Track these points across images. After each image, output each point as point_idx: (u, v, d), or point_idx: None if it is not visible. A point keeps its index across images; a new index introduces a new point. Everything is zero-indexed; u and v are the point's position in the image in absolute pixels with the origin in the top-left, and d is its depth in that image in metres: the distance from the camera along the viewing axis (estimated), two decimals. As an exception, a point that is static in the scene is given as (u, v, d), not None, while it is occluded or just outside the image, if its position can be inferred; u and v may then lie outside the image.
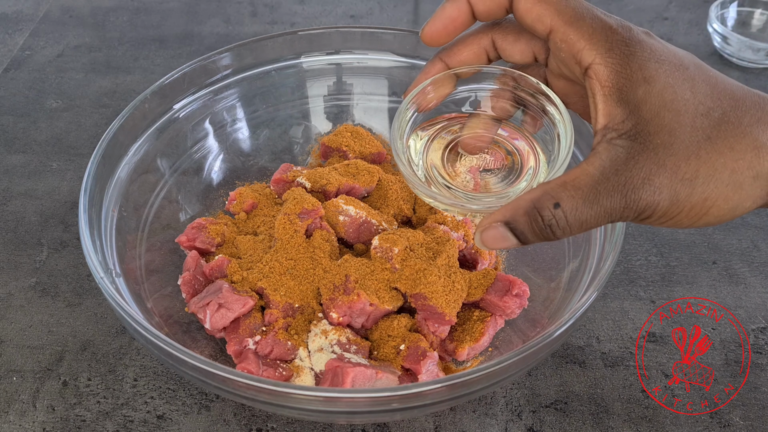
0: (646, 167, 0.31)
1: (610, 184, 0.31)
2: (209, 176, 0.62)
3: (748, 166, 0.31)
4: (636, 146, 0.31)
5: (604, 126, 0.32)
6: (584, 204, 0.31)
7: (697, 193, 0.31)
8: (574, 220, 0.32)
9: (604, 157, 0.31)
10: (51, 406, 0.50)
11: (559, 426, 0.49)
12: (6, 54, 0.86)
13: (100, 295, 0.57)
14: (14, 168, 0.69)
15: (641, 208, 0.31)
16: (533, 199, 0.32)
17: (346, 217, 0.54)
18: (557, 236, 0.33)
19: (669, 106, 0.31)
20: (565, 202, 0.31)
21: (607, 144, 0.32)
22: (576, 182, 0.32)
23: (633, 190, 0.31)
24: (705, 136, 0.30)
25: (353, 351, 0.47)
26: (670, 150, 0.30)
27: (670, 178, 0.31)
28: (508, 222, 0.33)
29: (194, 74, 0.60)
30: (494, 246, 0.34)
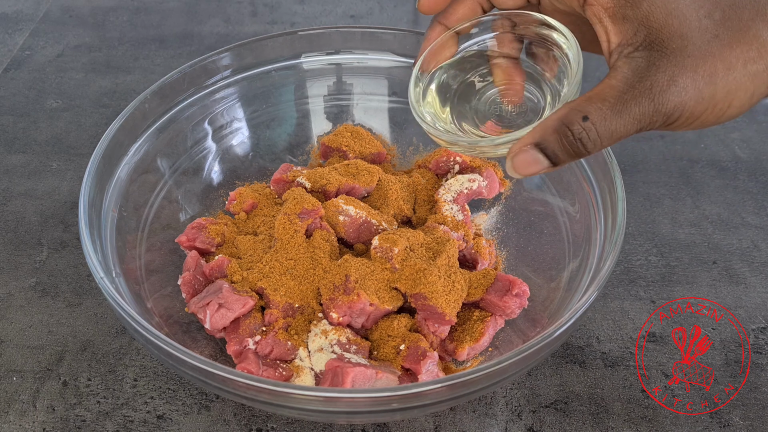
0: (669, 70, 0.32)
1: (637, 91, 0.32)
2: (209, 176, 0.62)
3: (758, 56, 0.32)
4: (654, 54, 0.32)
5: (618, 44, 0.33)
6: (612, 113, 0.32)
7: (720, 88, 0.32)
8: (605, 131, 0.32)
9: (626, 69, 0.32)
10: (51, 406, 0.50)
11: (559, 426, 0.49)
12: (6, 54, 0.86)
13: (100, 295, 0.57)
14: (14, 168, 0.69)
15: (669, 110, 0.32)
16: (561, 116, 0.33)
17: (346, 217, 0.54)
18: (589, 150, 0.33)
19: (674, 14, 0.32)
20: (593, 114, 0.32)
21: (625, 58, 0.33)
22: (602, 94, 0.32)
23: (660, 93, 0.32)
24: (713, 35, 0.32)
25: (353, 351, 0.47)
26: (686, 52, 0.32)
27: (692, 78, 0.32)
28: (539, 143, 0.34)
29: (194, 74, 0.60)
30: (527, 171, 0.34)
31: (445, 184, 0.59)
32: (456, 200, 0.57)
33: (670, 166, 0.70)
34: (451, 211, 0.57)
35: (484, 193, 0.59)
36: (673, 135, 0.74)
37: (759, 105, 0.78)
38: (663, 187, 0.68)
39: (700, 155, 0.71)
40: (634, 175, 0.69)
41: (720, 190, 0.67)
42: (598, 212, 0.51)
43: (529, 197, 0.60)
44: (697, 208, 0.66)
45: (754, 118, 0.76)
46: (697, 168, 0.70)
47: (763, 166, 0.70)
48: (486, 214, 0.61)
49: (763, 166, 0.70)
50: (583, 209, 0.54)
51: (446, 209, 0.57)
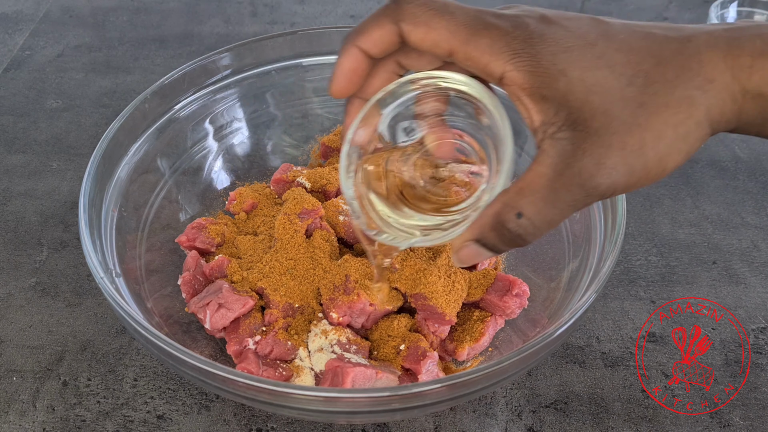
0: (595, 153, 0.31)
1: (566, 179, 0.31)
2: (209, 176, 0.62)
3: (687, 117, 0.31)
4: (578, 135, 0.31)
5: (541, 122, 0.32)
6: (546, 206, 0.32)
7: (651, 158, 0.31)
8: (541, 223, 0.32)
9: (552, 154, 0.31)
10: (51, 406, 0.50)
11: (559, 426, 0.49)
12: (6, 54, 0.86)
13: (100, 295, 0.57)
14: (14, 168, 0.69)
15: (602, 191, 0.31)
16: (495, 213, 0.33)
17: (346, 217, 0.54)
18: (528, 241, 0.33)
19: (593, 90, 0.31)
20: (526, 209, 0.32)
21: (550, 140, 0.32)
22: (532, 186, 0.32)
23: (589, 179, 0.31)
24: (638, 104, 0.31)
25: (353, 351, 0.47)
26: (611, 129, 0.31)
27: (620, 156, 0.31)
28: (478, 239, 0.34)
29: (194, 74, 0.59)
30: (472, 261, 0.35)
31: (445, 184, 0.59)
32: (456, 200, 0.57)
33: (670, 166, 0.70)
34: (451, 211, 0.57)
35: (484, 193, 0.59)
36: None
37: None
38: (663, 187, 0.68)
39: (700, 155, 0.71)
40: (634, 175, 0.69)
41: (720, 190, 0.67)
42: (598, 212, 0.51)
43: (529, 197, 0.60)
44: (697, 208, 0.66)
45: (754, 118, 0.76)
46: (697, 168, 0.70)
47: (763, 166, 0.70)
48: (486, 214, 0.61)
49: (763, 166, 0.70)
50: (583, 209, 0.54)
51: (446, 209, 0.57)
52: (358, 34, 0.35)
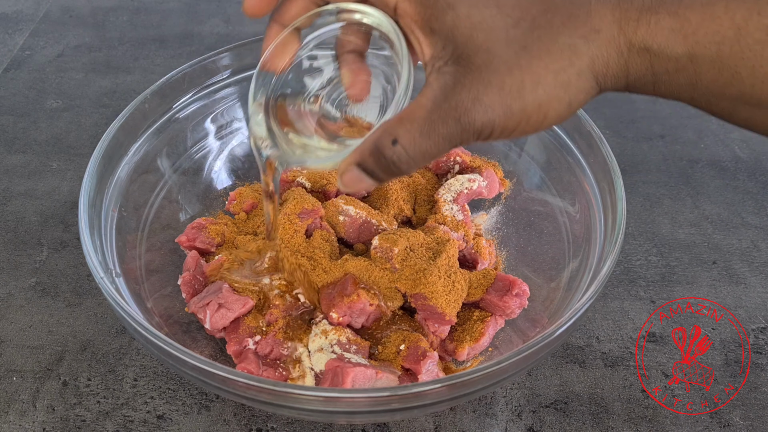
0: (473, 88, 0.31)
1: (443, 111, 0.31)
2: (209, 176, 0.62)
3: (569, 65, 0.31)
4: (460, 70, 0.31)
5: (430, 56, 0.32)
6: (421, 136, 0.32)
7: (529, 102, 0.31)
8: (415, 153, 0.32)
9: (435, 86, 0.32)
10: (51, 406, 0.50)
11: (559, 426, 0.49)
12: (6, 54, 0.86)
13: (100, 295, 0.57)
14: (14, 168, 0.69)
15: (478, 128, 0.32)
16: (375, 139, 0.33)
17: (346, 217, 0.54)
18: (404, 171, 0.33)
19: (479, 27, 0.31)
20: (402, 137, 0.32)
21: (436, 73, 0.32)
22: (411, 116, 0.32)
23: (465, 113, 0.31)
24: (521, 46, 0.31)
25: (353, 351, 0.47)
26: (491, 67, 0.31)
27: (498, 95, 0.31)
28: (359, 163, 0.34)
29: (194, 74, 0.59)
30: (354, 187, 0.35)
31: (445, 184, 0.59)
32: (456, 200, 0.57)
33: (670, 166, 0.70)
34: (451, 211, 0.57)
35: (484, 193, 0.59)
36: (673, 135, 0.74)
37: (759, 105, 0.78)
38: (663, 187, 0.68)
39: (700, 155, 0.71)
40: (634, 175, 0.69)
41: (720, 190, 0.67)
42: (598, 212, 0.51)
43: (529, 197, 0.60)
44: (697, 208, 0.66)
45: (754, 118, 0.76)
46: (697, 168, 0.70)
47: (763, 166, 0.70)
48: (486, 214, 0.61)
49: (763, 166, 0.70)
50: (583, 209, 0.54)
51: (446, 209, 0.57)
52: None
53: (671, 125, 0.75)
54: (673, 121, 0.76)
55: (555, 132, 0.57)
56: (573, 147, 0.56)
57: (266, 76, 0.40)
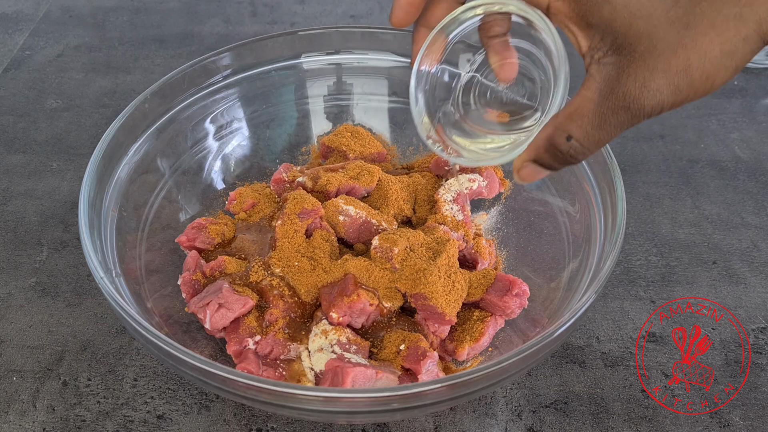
0: (639, 76, 0.31)
1: (611, 103, 0.32)
2: (209, 176, 0.62)
3: (734, 34, 0.31)
4: (623, 59, 0.32)
5: (588, 47, 0.33)
6: (593, 128, 0.33)
7: (697, 77, 0.31)
8: (590, 144, 0.34)
9: (598, 78, 0.33)
10: (51, 406, 0.50)
11: (559, 426, 0.49)
12: (6, 54, 0.86)
13: (100, 295, 0.57)
14: (14, 168, 0.69)
15: (648, 111, 0.32)
16: (547, 136, 0.35)
17: (346, 217, 0.54)
18: (579, 159, 0.35)
19: (637, 14, 0.31)
20: (575, 132, 0.33)
21: (596, 65, 0.33)
22: (580, 111, 0.33)
23: (634, 101, 0.32)
24: (683, 25, 0.31)
25: (353, 351, 0.47)
26: (655, 52, 0.31)
27: (665, 77, 0.31)
28: (535, 159, 0.36)
29: (194, 74, 0.60)
30: (533, 178, 0.38)
31: (445, 184, 0.59)
32: (456, 200, 0.57)
33: (670, 166, 0.70)
34: (451, 211, 0.57)
35: (484, 193, 0.59)
36: (673, 135, 0.74)
37: (758, 105, 0.78)
38: (663, 187, 0.68)
39: (700, 155, 0.71)
40: (634, 175, 0.69)
41: (720, 190, 0.67)
42: (598, 212, 0.51)
43: (529, 197, 0.60)
44: (697, 208, 0.66)
45: (754, 118, 0.76)
46: (697, 168, 0.70)
47: (763, 166, 0.70)
48: (486, 214, 0.61)
49: (763, 166, 0.70)
50: (583, 209, 0.54)
51: (446, 209, 0.57)
52: None
53: (671, 125, 0.75)
54: (673, 121, 0.76)
55: (555, 132, 0.57)
56: (573, 147, 0.56)
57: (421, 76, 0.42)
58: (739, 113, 0.77)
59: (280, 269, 0.51)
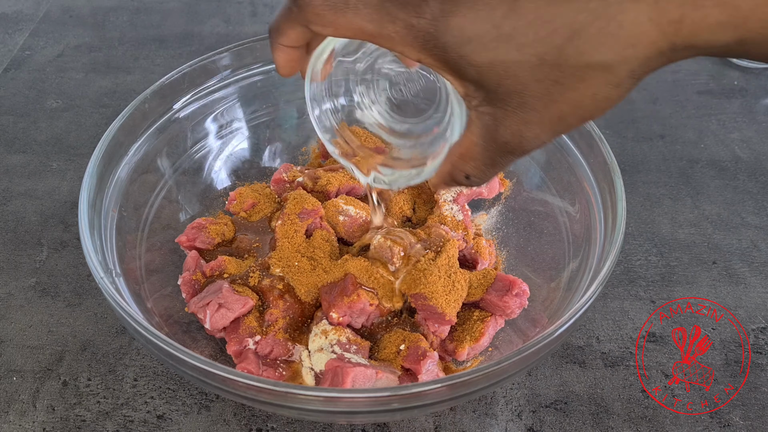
0: (515, 128, 0.32)
1: (496, 147, 0.34)
2: (209, 176, 0.62)
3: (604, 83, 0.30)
4: (498, 111, 0.32)
5: (464, 94, 0.33)
6: (486, 167, 0.35)
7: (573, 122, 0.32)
8: (485, 177, 0.36)
9: (479, 125, 0.34)
10: (51, 406, 0.50)
11: (559, 426, 0.49)
12: (6, 54, 0.86)
13: (100, 295, 0.57)
14: (14, 168, 0.69)
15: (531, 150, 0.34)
16: (448, 172, 0.37)
17: (346, 217, 0.54)
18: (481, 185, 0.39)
19: (504, 75, 0.31)
20: (470, 171, 0.36)
21: (474, 112, 0.33)
22: (470, 153, 0.35)
23: (517, 146, 0.33)
24: (552, 82, 0.30)
25: (353, 351, 0.47)
26: (527, 107, 0.31)
27: (540, 126, 0.32)
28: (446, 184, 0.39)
29: (194, 74, 0.59)
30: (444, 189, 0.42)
31: (445, 184, 0.58)
32: (456, 200, 0.57)
33: (670, 166, 0.70)
34: (451, 211, 0.57)
35: (484, 193, 0.59)
36: (673, 135, 0.74)
37: (758, 105, 0.78)
38: (663, 187, 0.68)
39: (700, 155, 0.71)
40: (634, 175, 0.69)
41: (720, 190, 0.67)
42: (598, 212, 0.51)
43: (529, 197, 0.60)
44: (697, 208, 0.66)
45: (754, 118, 0.76)
46: (697, 168, 0.70)
47: (763, 166, 0.70)
48: (486, 214, 0.61)
49: (763, 166, 0.70)
50: (583, 209, 0.54)
51: (446, 209, 0.57)
52: (278, 35, 0.36)
53: (671, 125, 0.75)
54: (673, 121, 0.76)
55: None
56: (573, 147, 0.56)
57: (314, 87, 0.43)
58: (739, 113, 0.77)
59: (280, 269, 0.51)
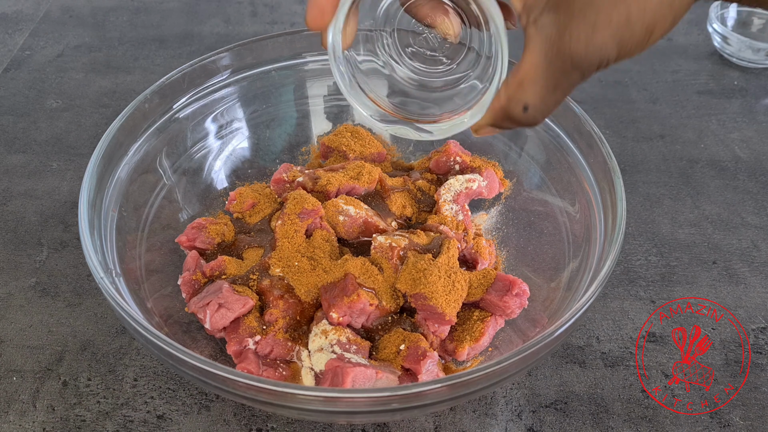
0: (582, 34, 0.31)
1: (560, 64, 0.32)
2: (209, 176, 0.62)
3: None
4: (561, 17, 0.31)
5: (523, 6, 0.32)
6: (548, 93, 0.33)
7: (638, 29, 0.31)
8: (547, 108, 0.34)
9: (539, 41, 0.32)
10: (51, 406, 0.50)
11: (559, 426, 0.49)
12: (6, 54, 0.86)
13: (100, 295, 0.57)
14: (14, 168, 0.69)
15: (596, 66, 0.32)
16: (502, 107, 0.34)
17: (346, 217, 0.54)
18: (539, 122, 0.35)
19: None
20: (531, 101, 0.33)
21: (534, 26, 0.32)
22: (530, 77, 0.33)
23: (582, 60, 0.31)
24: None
25: (353, 351, 0.47)
26: (594, 7, 0.30)
27: (608, 31, 0.31)
28: (494, 125, 0.36)
29: (194, 74, 0.60)
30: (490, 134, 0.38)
31: (445, 184, 0.59)
32: (456, 200, 0.57)
33: (670, 166, 0.70)
34: (451, 211, 0.57)
35: (484, 193, 0.59)
36: (673, 135, 0.74)
37: (758, 105, 0.78)
38: (663, 187, 0.68)
39: (700, 155, 0.71)
40: (634, 175, 0.69)
41: (720, 190, 0.67)
42: (598, 212, 0.51)
43: (529, 197, 0.60)
44: (697, 208, 0.66)
45: (754, 118, 0.76)
46: (697, 168, 0.70)
47: (763, 166, 0.70)
48: (486, 214, 0.61)
49: (763, 166, 0.70)
50: (583, 209, 0.54)
51: (446, 209, 0.57)
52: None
53: (671, 125, 0.75)
54: (673, 121, 0.76)
55: (555, 132, 0.57)
56: (573, 147, 0.56)
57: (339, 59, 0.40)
58: (739, 113, 0.77)
59: (280, 269, 0.51)
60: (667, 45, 0.87)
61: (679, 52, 0.86)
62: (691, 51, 0.86)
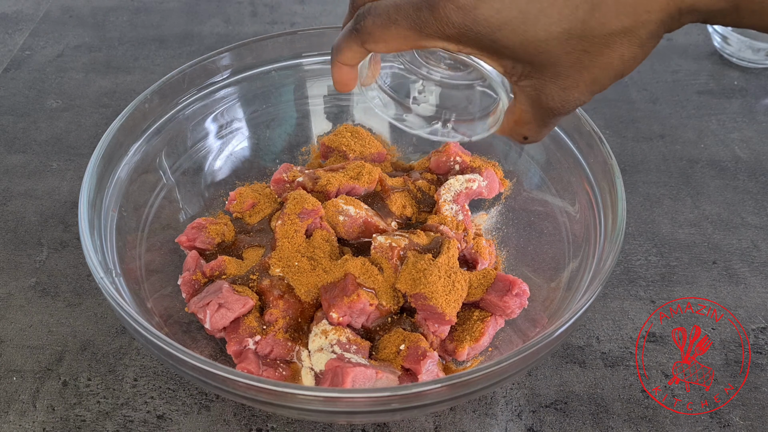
0: (556, 94, 0.36)
1: (544, 112, 0.37)
2: (209, 176, 0.62)
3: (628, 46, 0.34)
4: (537, 83, 0.36)
5: (504, 72, 0.37)
6: (539, 128, 0.39)
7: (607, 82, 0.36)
8: (542, 135, 0.40)
9: (523, 98, 0.37)
10: (51, 406, 0.50)
11: (559, 426, 0.49)
12: (6, 54, 0.86)
13: (100, 295, 0.57)
14: (14, 168, 0.69)
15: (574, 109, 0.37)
16: (509, 133, 0.41)
17: (346, 217, 0.54)
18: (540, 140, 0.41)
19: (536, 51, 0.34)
20: (527, 134, 0.40)
21: (516, 86, 0.37)
22: (522, 120, 0.39)
23: (559, 110, 0.37)
24: (581, 52, 0.34)
25: (353, 351, 0.47)
26: (563, 74, 0.35)
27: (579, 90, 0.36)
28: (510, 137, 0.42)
29: (194, 74, 0.60)
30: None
31: (445, 184, 0.59)
32: (456, 200, 0.57)
33: (670, 166, 0.70)
34: (451, 211, 0.57)
35: (484, 193, 0.59)
36: (673, 135, 0.74)
37: (758, 105, 0.78)
38: (663, 187, 0.68)
39: (700, 155, 0.71)
40: (634, 175, 0.69)
41: (720, 190, 0.67)
42: (598, 212, 0.51)
43: (529, 197, 0.60)
44: (697, 208, 0.66)
45: (754, 118, 0.76)
46: (697, 168, 0.70)
47: (763, 166, 0.70)
48: (486, 214, 0.61)
49: (763, 166, 0.70)
50: (583, 209, 0.54)
51: (446, 209, 0.57)
52: (337, 53, 0.39)
53: (671, 125, 0.75)
54: (673, 121, 0.76)
55: (555, 132, 0.57)
56: (573, 147, 0.56)
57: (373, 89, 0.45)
58: (739, 113, 0.77)
59: (280, 269, 0.51)
60: (667, 45, 0.87)
61: (679, 52, 0.86)
62: (691, 51, 0.86)
